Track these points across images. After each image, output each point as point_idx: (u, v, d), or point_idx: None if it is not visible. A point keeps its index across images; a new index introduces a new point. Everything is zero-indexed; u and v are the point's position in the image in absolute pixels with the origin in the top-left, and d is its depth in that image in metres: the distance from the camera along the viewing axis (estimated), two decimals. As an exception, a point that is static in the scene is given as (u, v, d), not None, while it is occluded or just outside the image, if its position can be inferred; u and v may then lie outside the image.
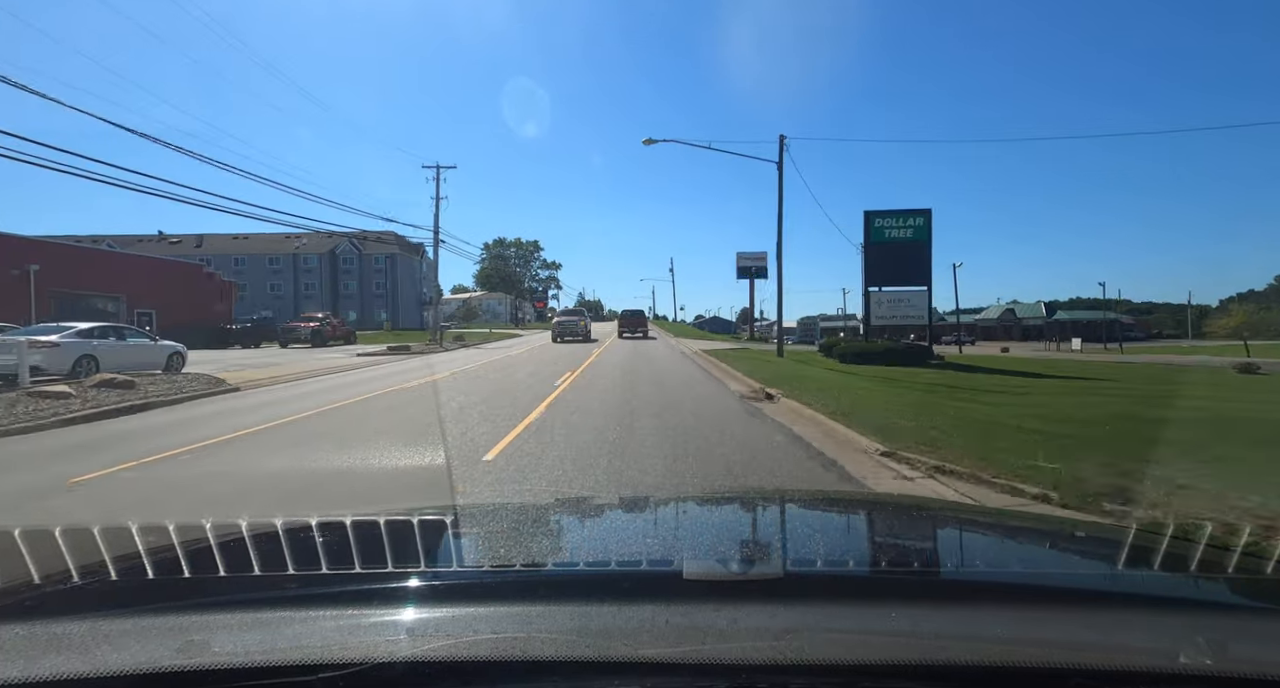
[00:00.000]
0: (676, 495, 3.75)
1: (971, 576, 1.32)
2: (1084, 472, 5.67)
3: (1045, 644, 0.89)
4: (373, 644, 0.90)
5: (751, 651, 0.87)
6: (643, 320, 43.84)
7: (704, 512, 2.11)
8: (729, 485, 5.86)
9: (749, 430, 8.72)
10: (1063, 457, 6.21)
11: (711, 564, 1.27)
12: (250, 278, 67.74)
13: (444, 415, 10.05)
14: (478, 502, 5.02)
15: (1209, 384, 17.78)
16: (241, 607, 1.04)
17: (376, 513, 1.61)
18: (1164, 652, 0.87)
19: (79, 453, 7.50)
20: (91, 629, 0.95)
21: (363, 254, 69.04)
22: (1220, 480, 5.32)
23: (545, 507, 2.44)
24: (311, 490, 5.82)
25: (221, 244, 69.53)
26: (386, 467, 6.65)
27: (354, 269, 70.74)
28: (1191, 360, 32.62)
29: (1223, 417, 9.99)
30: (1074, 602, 1.12)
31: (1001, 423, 8.82)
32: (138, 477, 6.33)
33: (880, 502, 3.04)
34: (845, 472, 6.30)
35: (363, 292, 70.58)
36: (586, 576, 1.28)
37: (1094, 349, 52.19)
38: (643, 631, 0.92)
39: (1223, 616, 1.07)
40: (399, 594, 1.10)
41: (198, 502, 5.57)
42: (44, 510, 5.25)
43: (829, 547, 1.53)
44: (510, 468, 6.42)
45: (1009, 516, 2.97)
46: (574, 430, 8.52)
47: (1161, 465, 5.87)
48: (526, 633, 0.91)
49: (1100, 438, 7.63)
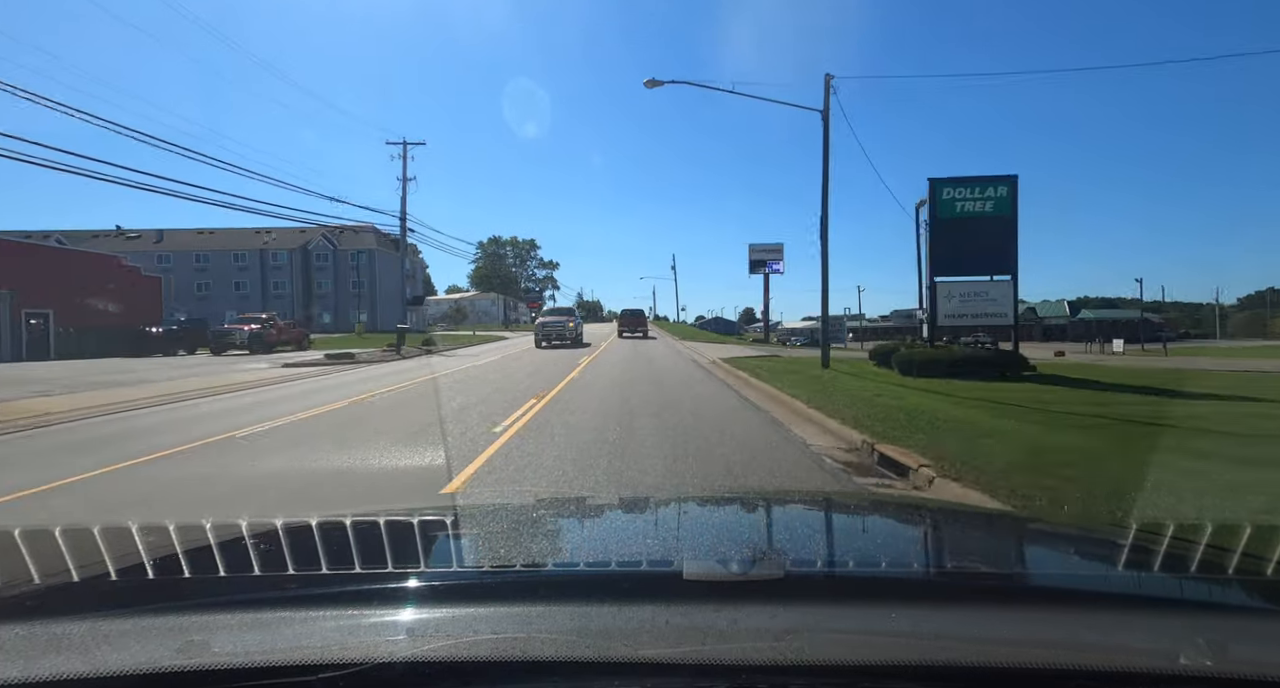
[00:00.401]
0: (676, 496, 3.63)
1: (972, 576, 1.32)
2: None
3: (1046, 645, 0.89)
4: (373, 644, 0.91)
5: (752, 651, 0.87)
6: (642, 320, 44.25)
7: (704, 512, 2.10)
8: (729, 485, 5.76)
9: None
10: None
11: (712, 565, 1.26)
12: (214, 276, 62.95)
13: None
14: (478, 502, 4.78)
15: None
16: (241, 607, 1.05)
17: (376, 513, 1.65)
18: (1164, 653, 0.88)
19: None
20: (91, 629, 0.95)
21: (338, 249, 62.56)
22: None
23: (545, 507, 2.38)
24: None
25: (184, 240, 64.24)
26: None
27: (328, 266, 64.00)
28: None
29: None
30: (1074, 602, 1.12)
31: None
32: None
33: (880, 502, 3.00)
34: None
35: (338, 290, 63.46)
36: (586, 576, 1.27)
37: (1133, 351, 46.80)
38: (643, 631, 0.93)
39: (1223, 616, 1.07)
40: (399, 594, 1.10)
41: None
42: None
43: (829, 547, 1.54)
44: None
45: (1009, 516, 3.08)
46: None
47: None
48: (526, 633, 0.92)
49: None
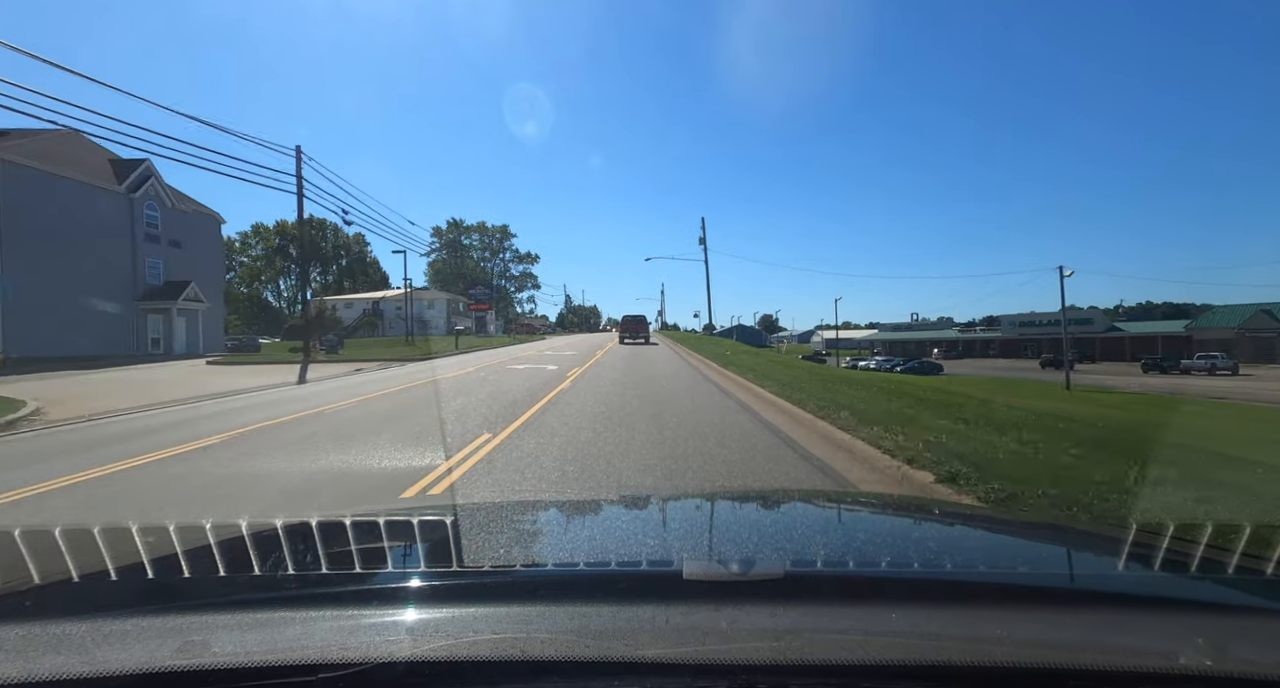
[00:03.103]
0: (677, 495, 3.61)
1: (972, 576, 1.31)
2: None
3: (1046, 645, 0.89)
4: (373, 644, 0.90)
5: (752, 651, 0.86)
6: (644, 326, 43.97)
7: (704, 512, 2.09)
8: (728, 485, 5.63)
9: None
10: None
11: (711, 564, 1.25)
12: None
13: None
14: (478, 502, 4.73)
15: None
16: (241, 607, 1.04)
17: (376, 513, 1.64)
18: (1164, 652, 0.87)
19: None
20: (91, 629, 0.95)
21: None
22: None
23: (545, 507, 2.38)
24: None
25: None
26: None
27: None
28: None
29: None
30: (1074, 602, 1.11)
31: None
32: None
33: (880, 502, 2.94)
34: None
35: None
36: (586, 576, 1.26)
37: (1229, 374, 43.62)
38: (643, 631, 0.92)
39: (1223, 616, 1.06)
40: (399, 594, 1.10)
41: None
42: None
43: (829, 547, 1.53)
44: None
45: (1009, 516, 3.08)
46: None
47: None
48: (526, 633, 0.91)
49: None
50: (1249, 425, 16.95)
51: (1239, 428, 16.27)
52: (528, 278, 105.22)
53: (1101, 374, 48.99)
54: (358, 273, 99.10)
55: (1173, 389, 35.99)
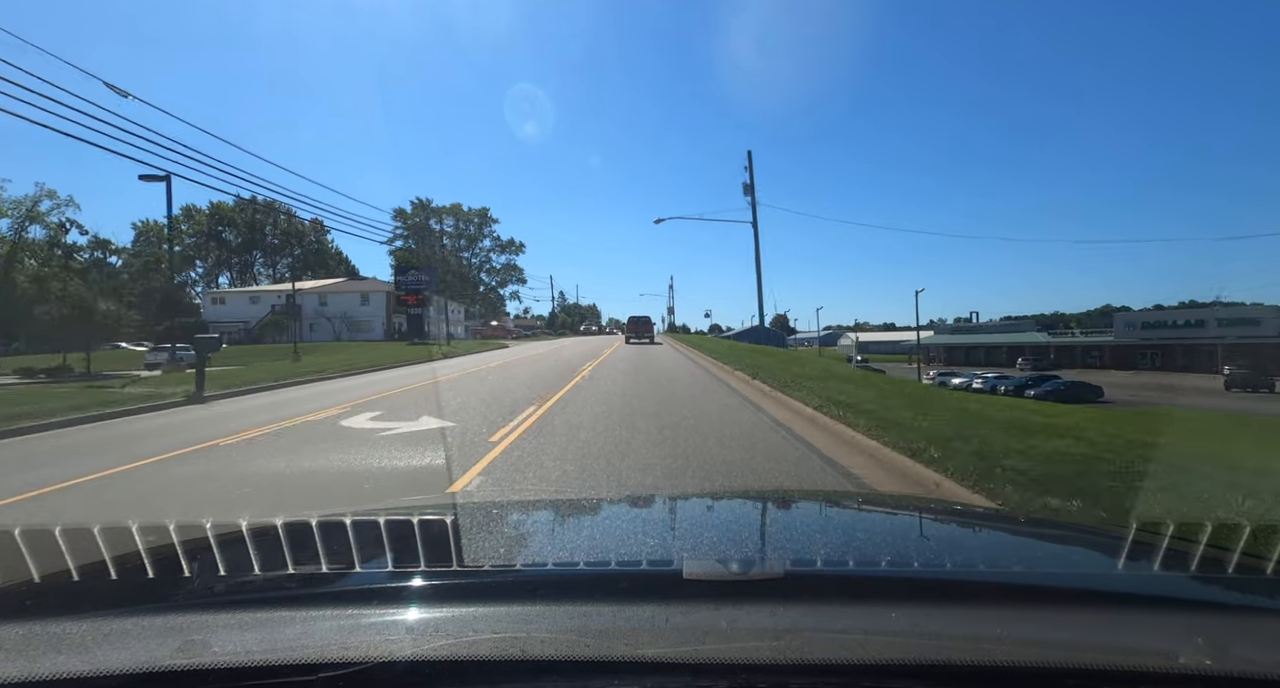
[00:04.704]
0: (677, 495, 3.54)
1: (972, 575, 1.31)
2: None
3: (1045, 644, 0.89)
4: (373, 644, 0.90)
5: (752, 651, 0.86)
6: (649, 327, 45.31)
7: (704, 511, 2.08)
8: (728, 485, 5.54)
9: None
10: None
11: (711, 564, 1.24)
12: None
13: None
14: (478, 501, 4.25)
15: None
16: (241, 607, 1.04)
17: (376, 512, 1.63)
18: (1164, 652, 0.87)
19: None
20: (91, 629, 0.95)
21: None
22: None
23: (545, 506, 2.35)
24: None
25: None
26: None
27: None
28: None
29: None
30: (1074, 602, 1.11)
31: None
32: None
33: (880, 501, 2.98)
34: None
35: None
36: (586, 575, 1.26)
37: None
38: (643, 630, 0.92)
39: (1223, 616, 1.06)
40: (399, 594, 1.10)
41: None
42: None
43: (829, 546, 1.53)
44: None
45: (1009, 516, 3.07)
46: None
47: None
48: (526, 633, 0.91)
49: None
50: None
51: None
52: (512, 271, 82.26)
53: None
54: (316, 266, 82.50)
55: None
